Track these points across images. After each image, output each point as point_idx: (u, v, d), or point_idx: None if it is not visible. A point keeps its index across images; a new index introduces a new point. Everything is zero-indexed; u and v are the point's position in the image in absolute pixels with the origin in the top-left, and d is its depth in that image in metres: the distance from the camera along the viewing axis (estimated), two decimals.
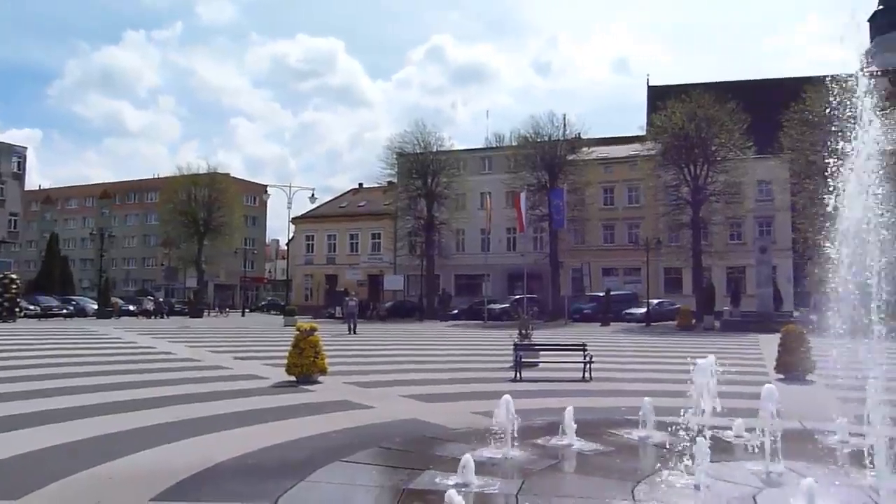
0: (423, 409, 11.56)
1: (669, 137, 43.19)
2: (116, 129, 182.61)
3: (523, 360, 16.12)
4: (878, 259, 6.28)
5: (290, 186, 49.47)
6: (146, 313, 50.71)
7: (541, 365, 16.92)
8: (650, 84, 70.60)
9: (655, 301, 42.12)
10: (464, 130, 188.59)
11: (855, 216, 6.40)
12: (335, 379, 14.92)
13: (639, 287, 45.61)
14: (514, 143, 51.21)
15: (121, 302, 54.33)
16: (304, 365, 14.55)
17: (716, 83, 51.21)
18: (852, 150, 6.59)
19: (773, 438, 7.36)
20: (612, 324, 38.34)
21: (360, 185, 67.38)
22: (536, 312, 38.32)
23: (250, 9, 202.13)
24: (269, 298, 79.37)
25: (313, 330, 14.95)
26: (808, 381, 15.13)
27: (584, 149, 48.43)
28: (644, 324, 38.34)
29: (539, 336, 19.72)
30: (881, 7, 79.03)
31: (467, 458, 6.60)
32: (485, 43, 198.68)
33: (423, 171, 51.06)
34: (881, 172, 6.48)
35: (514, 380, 15.20)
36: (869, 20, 79.04)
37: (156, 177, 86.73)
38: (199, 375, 15.88)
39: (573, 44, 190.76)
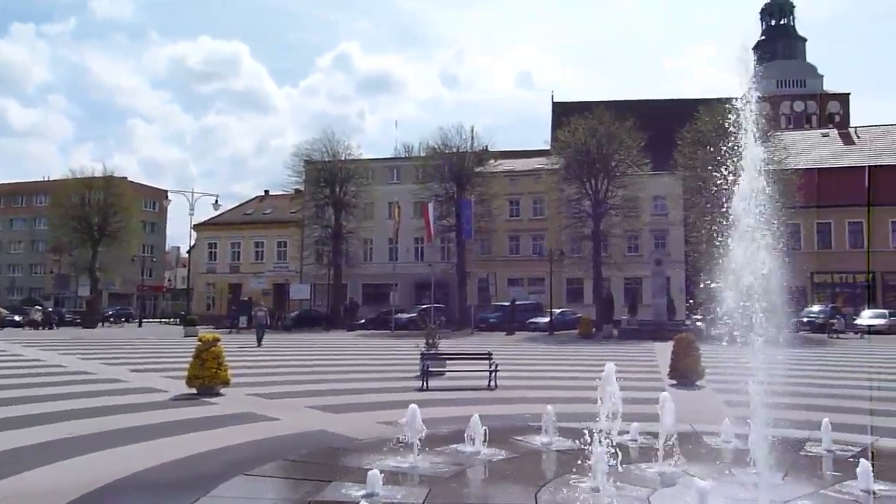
0: (329, 419, 11.43)
1: (572, 152, 44.15)
2: (0, 128, 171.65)
3: (430, 369, 16.19)
4: (759, 269, 6.75)
5: (192, 192, 48.01)
6: (33, 324, 47.55)
7: (447, 374, 16.99)
8: (555, 100, 71.90)
9: (558, 310, 42.74)
10: (372, 140, 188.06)
11: (740, 228, 6.83)
12: (238, 391, 14.53)
13: (542, 297, 46.03)
14: (422, 154, 51.40)
15: (5, 312, 51.08)
16: (206, 377, 14.12)
17: (616, 101, 52.66)
18: (740, 167, 7.09)
19: (666, 442, 7.76)
20: (516, 333, 38.77)
21: (266, 192, 65.89)
22: (443, 322, 39.05)
23: (150, 7, 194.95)
24: (118, 308, 69.89)
25: (216, 340, 14.56)
26: (698, 387, 15.91)
27: (491, 161, 49.21)
28: (547, 332, 38.84)
29: (446, 345, 19.83)
30: (763, 38, 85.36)
31: (374, 469, 6.62)
32: (393, 53, 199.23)
33: (331, 179, 50.48)
34: (765, 189, 7.01)
35: (421, 389, 15.24)
36: (753, 48, 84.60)
37: (46, 179, 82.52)
38: (94, 389, 15.13)
39: (480, 58, 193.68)
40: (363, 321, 46.41)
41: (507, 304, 43.41)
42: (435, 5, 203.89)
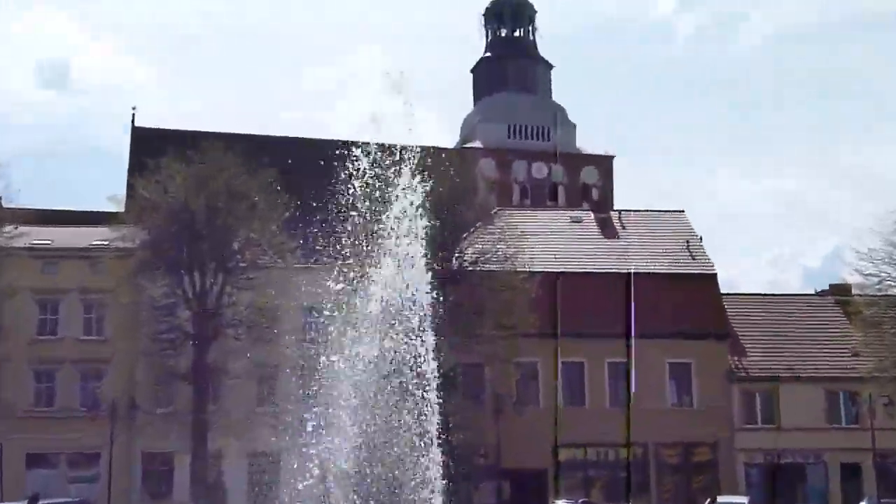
0: None
1: (163, 220, 39.71)
2: None
3: None
4: None
5: None
6: None
7: None
8: (136, 124, 64.70)
9: None
10: None
11: None
12: None
13: (97, 488, 41.26)
14: None
15: None
16: None
17: (241, 136, 51.81)
18: None
19: None
20: None
21: None
22: None
23: None
24: None
25: None
26: None
27: (8, 228, 41.86)
28: None
29: None
30: (487, 54, 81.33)
31: None
32: None
33: None
34: None
35: None
36: (474, 70, 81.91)
37: None
38: None
39: None
40: None
41: None
42: None
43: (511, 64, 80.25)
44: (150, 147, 50.67)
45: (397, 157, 18.67)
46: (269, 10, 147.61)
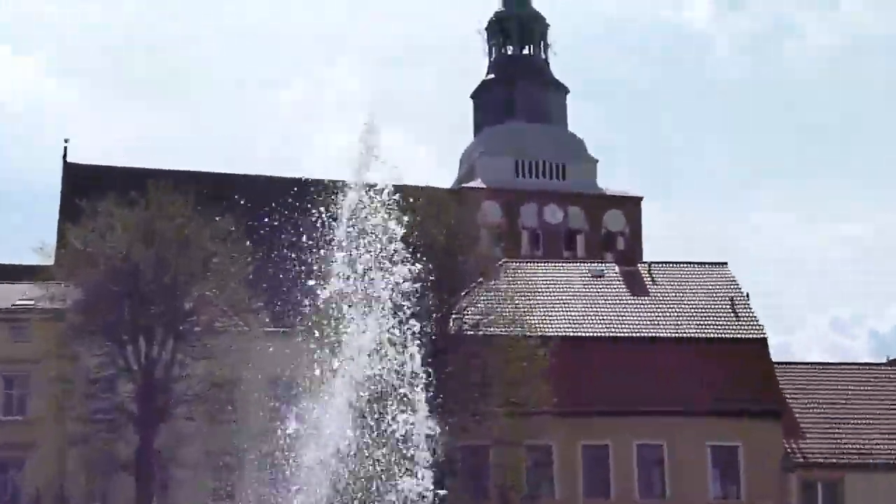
0: None
1: (103, 276, 40.13)
2: None
3: None
4: None
5: None
6: None
7: None
8: (68, 159, 64.39)
9: None
10: None
11: None
12: None
13: None
14: None
15: None
16: None
17: (192, 172, 53.46)
18: None
19: None
20: None
21: None
22: None
23: None
24: None
25: None
26: None
27: None
28: None
29: None
30: (491, 76, 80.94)
31: None
32: None
33: None
34: None
35: None
36: (475, 95, 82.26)
37: None
38: None
39: None
40: None
41: None
42: None
43: (519, 87, 79.92)
44: (85, 187, 51.51)
45: (381, 199, 17.26)
46: (233, 20, 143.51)
